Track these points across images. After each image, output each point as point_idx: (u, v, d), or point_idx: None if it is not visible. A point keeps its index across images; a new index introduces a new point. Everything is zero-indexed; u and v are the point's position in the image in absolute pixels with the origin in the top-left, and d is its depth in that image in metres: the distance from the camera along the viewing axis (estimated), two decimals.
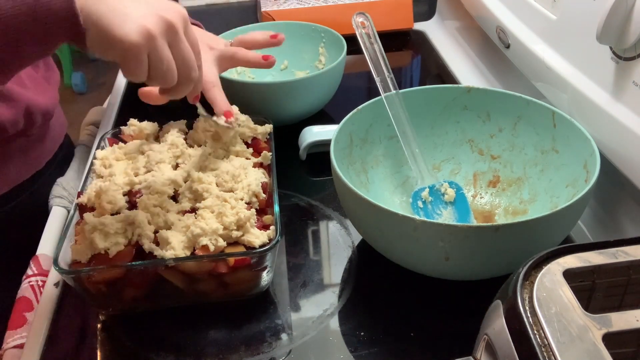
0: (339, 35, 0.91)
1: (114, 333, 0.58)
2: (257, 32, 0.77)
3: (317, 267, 0.65)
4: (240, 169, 0.62)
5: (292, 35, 0.94)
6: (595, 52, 0.61)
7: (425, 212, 0.68)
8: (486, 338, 0.39)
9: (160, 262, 0.54)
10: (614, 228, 0.64)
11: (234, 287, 0.58)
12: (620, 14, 0.54)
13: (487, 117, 0.71)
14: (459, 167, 0.73)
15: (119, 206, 0.59)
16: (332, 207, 0.73)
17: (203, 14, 1.29)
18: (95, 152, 0.68)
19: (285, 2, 1.15)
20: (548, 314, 0.35)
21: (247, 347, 0.56)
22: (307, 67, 0.97)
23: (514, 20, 0.80)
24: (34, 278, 0.64)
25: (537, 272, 0.38)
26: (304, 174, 0.81)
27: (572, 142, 0.63)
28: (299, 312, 0.59)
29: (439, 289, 0.60)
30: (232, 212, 0.57)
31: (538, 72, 0.73)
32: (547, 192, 0.65)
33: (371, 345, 0.55)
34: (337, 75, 0.86)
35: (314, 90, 0.83)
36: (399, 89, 0.69)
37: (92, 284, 0.54)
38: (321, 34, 0.95)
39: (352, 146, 0.68)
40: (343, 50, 0.86)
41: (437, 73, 1.05)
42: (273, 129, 0.72)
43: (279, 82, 0.84)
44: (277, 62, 0.77)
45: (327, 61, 0.95)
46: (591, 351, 0.33)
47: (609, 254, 0.39)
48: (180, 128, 0.72)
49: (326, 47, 0.95)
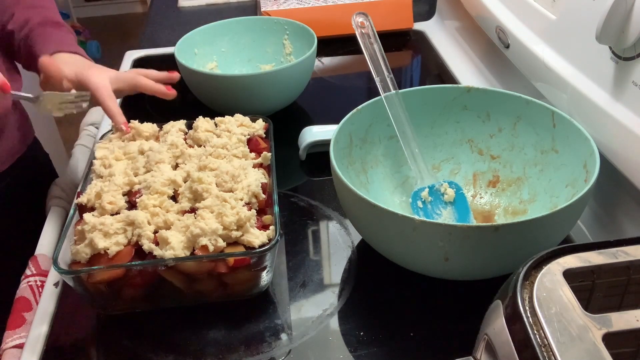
0: (304, 26, 0.93)
1: (113, 333, 0.58)
2: (154, 71, 0.80)
3: (316, 267, 0.65)
4: (240, 169, 0.62)
5: (253, 30, 0.98)
6: (594, 52, 0.61)
7: (425, 212, 0.68)
8: (486, 338, 0.39)
9: (159, 262, 0.54)
10: (614, 228, 0.64)
11: (233, 287, 0.58)
12: (619, 14, 0.54)
13: (486, 117, 0.71)
14: (459, 167, 0.73)
15: (119, 206, 0.59)
16: (331, 207, 0.73)
17: (203, 14, 1.29)
18: (95, 152, 0.68)
19: (285, 2, 1.15)
20: (548, 314, 0.35)
21: (246, 347, 0.56)
22: (272, 60, 0.99)
23: (514, 20, 0.80)
24: (33, 278, 0.64)
25: (537, 272, 0.38)
26: (303, 174, 0.81)
27: (571, 142, 0.63)
28: (298, 312, 0.59)
29: (439, 289, 0.60)
30: (232, 212, 0.57)
31: (538, 72, 0.73)
32: (547, 192, 0.65)
33: (371, 345, 0.55)
34: (309, 68, 0.88)
35: (286, 82, 0.85)
36: (398, 89, 0.69)
37: (92, 284, 0.54)
38: (284, 27, 0.96)
39: (351, 146, 0.68)
40: (312, 41, 0.88)
41: (437, 73, 1.05)
42: (273, 129, 0.72)
43: (254, 74, 0.85)
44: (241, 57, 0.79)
45: (294, 53, 0.97)
46: (591, 351, 0.33)
47: (609, 254, 0.39)
48: (180, 128, 0.72)
49: (291, 40, 0.96)
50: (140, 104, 0.90)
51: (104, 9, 3.86)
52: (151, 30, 1.24)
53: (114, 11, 3.87)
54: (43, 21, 0.80)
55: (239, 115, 0.73)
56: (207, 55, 0.96)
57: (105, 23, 3.73)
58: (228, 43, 0.98)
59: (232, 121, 0.72)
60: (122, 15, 3.85)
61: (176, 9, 1.34)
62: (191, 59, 0.92)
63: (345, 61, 1.08)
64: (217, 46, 0.97)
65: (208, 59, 0.96)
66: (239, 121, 0.72)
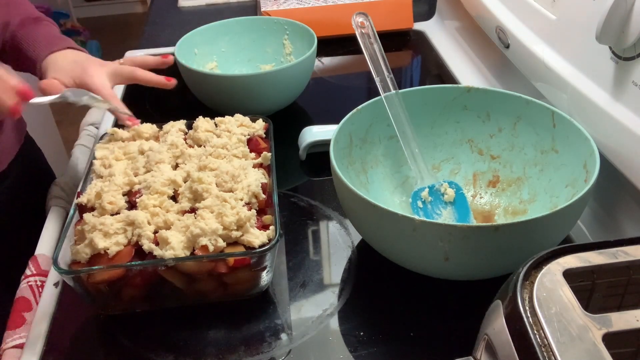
0: (304, 26, 0.93)
1: (113, 333, 0.58)
2: (148, 56, 0.80)
3: (316, 267, 0.65)
4: (240, 169, 0.62)
5: (253, 30, 0.98)
6: (594, 52, 0.61)
7: (425, 212, 0.68)
8: (486, 338, 0.39)
9: (159, 262, 0.54)
10: (614, 228, 0.64)
11: (233, 287, 0.58)
12: (619, 14, 0.54)
13: (486, 117, 0.71)
14: (459, 167, 0.73)
15: (119, 206, 0.59)
16: (331, 207, 0.73)
17: (203, 14, 1.29)
18: (95, 152, 0.68)
19: (284, 2, 1.15)
20: (548, 314, 0.35)
21: (246, 347, 0.56)
22: (272, 60, 0.99)
23: (514, 20, 0.80)
24: (33, 278, 0.64)
25: (537, 272, 0.38)
26: (303, 174, 0.81)
27: (571, 142, 0.63)
28: (298, 312, 0.59)
29: (438, 289, 0.60)
30: (232, 212, 0.57)
31: (538, 72, 0.73)
32: (547, 192, 0.65)
33: (371, 345, 0.55)
34: (309, 68, 0.88)
35: (286, 82, 0.85)
36: (398, 89, 0.69)
37: (92, 284, 0.54)
38: (284, 27, 0.96)
39: (351, 146, 0.68)
40: (312, 41, 0.88)
41: (437, 73, 1.05)
42: (273, 129, 0.72)
43: (254, 74, 0.85)
44: (241, 57, 0.79)
45: (294, 53, 0.97)
46: (591, 351, 0.33)
47: (609, 254, 0.39)
48: (180, 128, 0.72)
49: (291, 40, 0.96)
50: (140, 104, 0.90)
51: (104, 9, 3.86)
52: (151, 30, 1.24)
53: (114, 11, 3.87)
54: (23, 20, 0.79)
55: (239, 115, 0.73)
56: (207, 55, 0.96)
57: (105, 23, 3.73)
58: (228, 43, 0.98)
59: (232, 121, 0.72)
60: (122, 15, 3.85)
61: (176, 9, 1.34)
62: (191, 59, 0.92)
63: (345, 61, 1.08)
64: (217, 46, 0.97)
65: (208, 59, 0.96)
66: (239, 121, 0.72)
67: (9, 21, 0.78)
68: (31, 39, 0.77)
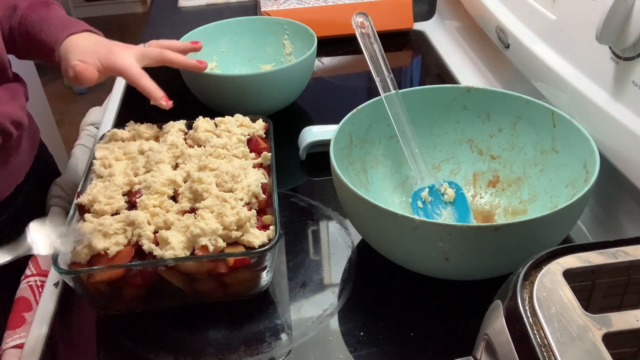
0: (304, 26, 0.93)
1: (113, 333, 0.58)
2: (175, 40, 0.79)
3: (316, 267, 0.65)
4: (240, 169, 0.62)
5: (253, 30, 0.98)
6: (594, 52, 0.61)
7: (425, 212, 0.68)
8: (486, 338, 0.39)
9: (159, 262, 0.54)
10: (614, 228, 0.64)
11: (233, 287, 0.58)
12: (619, 14, 0.54)
13: (486, 117, 0.71)
14: (459, 167, 0.73)
15: (119, 206, 0.59)
16: (331, 207, 0.73)
17: (203, 14, 1.29)
18: (95, 152, 0.68)
19: (284, 2, 1.15)
20: (548, 314, 0.35)
21: (246, 347, 0.56)
22: (272, 60, 0.99)
23: (514, 20, 0.80)
24: (33, 278, 0.64)
25: (537, 272, 0.38)
26: (303, 174, 0.81)
27: (571, 142, 0.63)
28: (298, 312, 0.59)
29: (439, 289, 0.60)
30: (232, 212, 0.57)
31: (538, 72, 0.73)
32: (547, 192, 0.65)
33: (371, 345, 0.55)
34: (309, 68, 0.88)
35: (286, 82, 0.85)
36: (398, 89, 0.69)
37: (92, 284, 0.54)
38: (284, 27, 0.96)
39: (351, 146, 0.68)
40: (312, 41, 0.88)
41: (436, 73, 1.05)
42: (273, 129, 0.72)
43: (254, 74, 0.85)
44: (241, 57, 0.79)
45: (294, 53, 0.97)
46: (591, 351, 0.33)
47: (609, 254, 0.39)
48: (180, 128, 0.72)
49: (291, 40, 0.96)
50: (140, 104, 0.90)
51: (104, 9, 3.86)
52: (151, 30, 1.24)
53: (114, 11, 3.87)
54: (32, 4, 0.75)
55: (239, 115, 0.73)
56: (207, 55, 0.96)
57: (105, 23, 3.72)
58: (228, 43, 0.98)
59: (232, 121, 0.72)
60: (122, 15, 3.85)
61: (176, 9, 1.34)
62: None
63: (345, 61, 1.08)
64: (217, 46, 0.97)
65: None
66: (239, 121, 0.72)
67: (17, 5, 0.74)
68: (44, 22, 0.73)
